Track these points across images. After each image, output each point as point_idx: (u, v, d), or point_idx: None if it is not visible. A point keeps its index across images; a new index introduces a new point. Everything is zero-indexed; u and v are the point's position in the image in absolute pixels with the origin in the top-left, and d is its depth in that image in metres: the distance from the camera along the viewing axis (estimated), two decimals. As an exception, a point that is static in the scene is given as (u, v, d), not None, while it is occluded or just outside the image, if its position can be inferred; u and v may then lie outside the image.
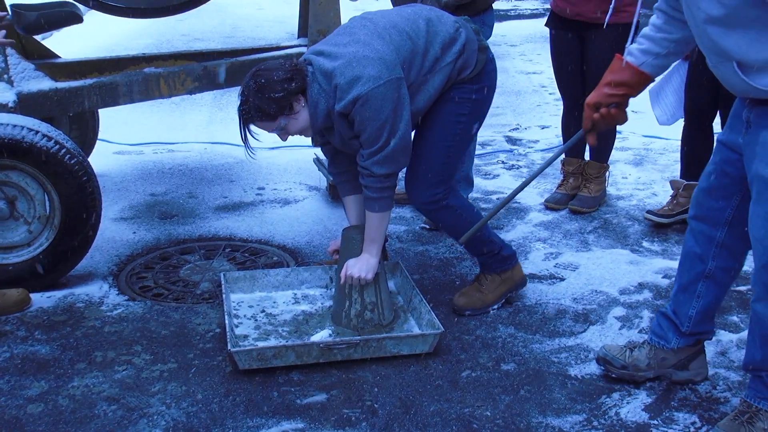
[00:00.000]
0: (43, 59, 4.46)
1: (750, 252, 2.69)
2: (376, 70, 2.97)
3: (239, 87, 3.12)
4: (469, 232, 3.24)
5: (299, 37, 4.86)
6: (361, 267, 3.21)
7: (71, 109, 3.95)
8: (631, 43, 2.81)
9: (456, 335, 3.34)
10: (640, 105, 6.90)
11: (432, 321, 3.21)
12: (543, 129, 6.42)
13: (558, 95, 7.36)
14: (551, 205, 4.72)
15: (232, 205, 4.73)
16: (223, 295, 3.42)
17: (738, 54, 2.36)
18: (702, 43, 2.48)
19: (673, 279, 3.06)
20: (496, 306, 3.54)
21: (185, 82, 4.20)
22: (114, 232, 4.31)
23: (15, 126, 3.47)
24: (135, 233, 4.31)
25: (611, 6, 4.10)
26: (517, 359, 3.18)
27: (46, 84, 3.85)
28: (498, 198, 4.89)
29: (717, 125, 4.22)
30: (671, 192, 4.53)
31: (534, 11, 12.05)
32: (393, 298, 3.54)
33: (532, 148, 5.92)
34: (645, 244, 4.23)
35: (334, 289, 3.48)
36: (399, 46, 3.08)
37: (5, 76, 3.76)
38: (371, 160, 3.07)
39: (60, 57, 4.58)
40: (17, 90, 3.76)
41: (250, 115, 3.04)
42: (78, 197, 3.53)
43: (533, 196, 4.93)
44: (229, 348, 3.00)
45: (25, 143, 3.46)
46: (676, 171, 5.15)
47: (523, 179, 3.12)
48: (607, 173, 4.77)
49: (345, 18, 3.64)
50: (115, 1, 4.55)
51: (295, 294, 3.61)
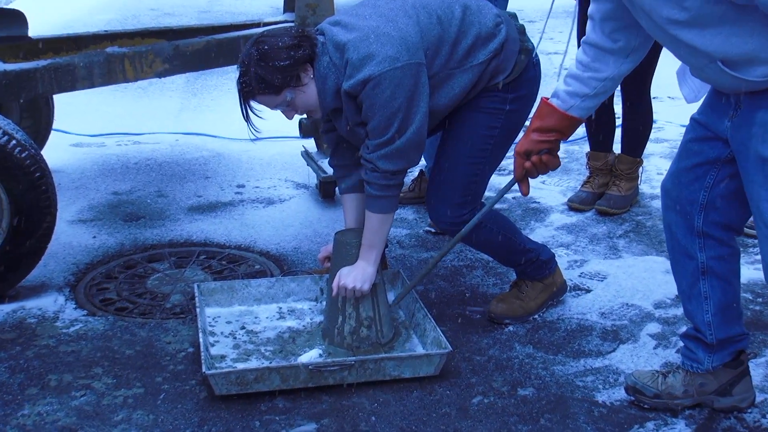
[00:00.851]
0: (-10, 37, 4.46)
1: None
2: (394, 50, 2.98)
3: (215, 69, 3.12)
4: (401, 294, 3.43)
5: (285, 12, 4.86)
6: (357, 277, 3.21)
7: (22, 95, 3.94)
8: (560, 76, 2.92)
9: (466, 355, 3.34)
10: (677, 91, 6.90)
11: (438, 339, 3.21)
12: (566, 118, 6.41)
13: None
14: (575, 206, 4.72)
15: (207, 206, 4.72)
16: (197, 310, 3.41)
17: (719, 52, 2.45)
18: (678, 53, 2.58)
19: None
20: (537, 315, 3.61)
21: (154, 63, 4.19)
22: (71, 236, 4.30)
23: (-43, 114, 3.47)
24: (95, 238, 4.30)
25: None
26: (537, 383, 3.18)
27: (-8, 66, 3.85)
28: (514, 198, 4.88)
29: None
30: None
31: (555, -18, 12.06)
32: (393, 312, 3.53)
33: (553, 139, 5.91)
34: (683, 250, 4.23)
35: (325, 303, 3.47)
36: (426, 29, 3.08)
37: (-54, 56, 3.76)
38: (377, 153, 3.07)
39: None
40: (-41, 72, 3.76)
41: (251, 88, 3.04)
42: (30, 196, 3.53)
43: (555, 195, 4.93)
44: (204, 370, 2.99)
45: (-31, 134, 3.45)
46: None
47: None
48: (641, 169, 4.77)
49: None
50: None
51: (280, 308, 3.60)
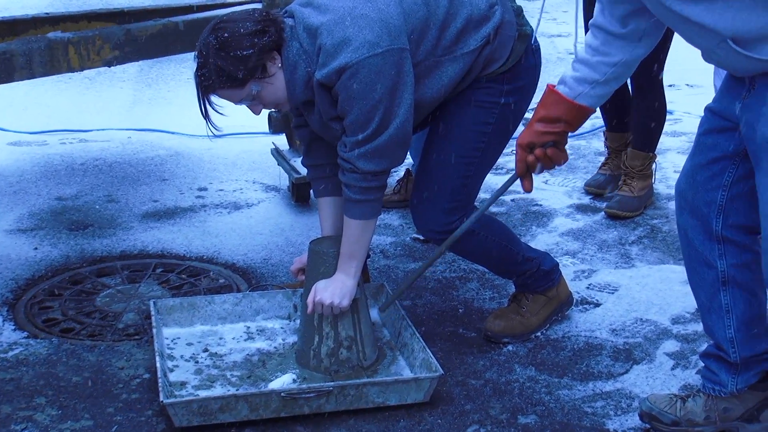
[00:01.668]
0: None
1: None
2: (374, 34, 2.98)
3: (173, 57, 3.12)
4: (388, 301, 3.43)
5: (251, -9, 4.87)
6: (335, 291, 3.22)
7: (-48, 87, 3.94)
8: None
9: (459, 379, 3.35)
10: (697, 78, 6.95)
11: (428, 361, 3.22)
12: (571, 109, 6.44)
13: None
14: (593, 190, 4.88)
15: (164, 212, 4.72)
16: (154, 330, 3.41)
17: (729, 29, 2.47)
18: (686, 35, 2.61)
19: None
20: (540, 332, 3.62)
21: (102, 50, 4.19)
22: (9, 247, 4.30)
23: None
24: (37, 249, 4.30)
25: None
26: (540, 410, 3.19)
27: None
28: (513, 200, 4.90)
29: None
30: None
31: (558, -45, 12.11)
32: (376, 331, 3.54)
33: (556, 133, 5.94)
34: (705, 257, 4.26)
35: (299, 321, 3.48)
36: (410, 10, 3.08)
37: None
38: (356, 151, 3.07)
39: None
40: None
41: (210, 82, 3.03)
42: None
43: (559, 196, 4.95)
44: (162, 399, 2.98)
45: None
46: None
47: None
48: (654, 165, 4.81)
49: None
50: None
51: (248, 327, 3.61)
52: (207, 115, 3.10)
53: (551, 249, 4.32)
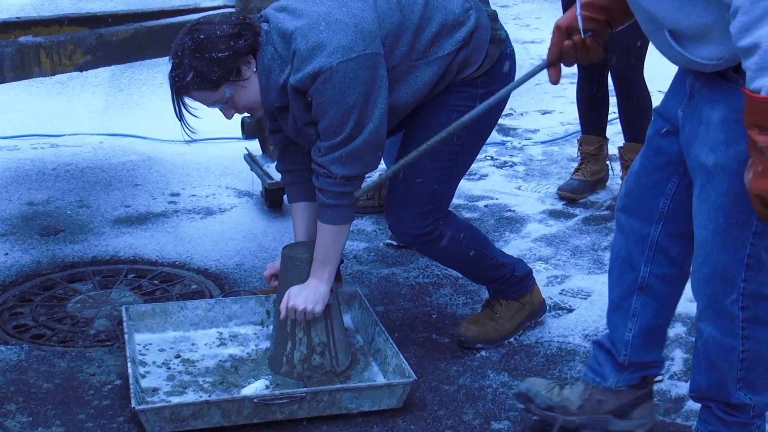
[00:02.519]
0: None
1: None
2: (348, 38, 2.98)
3: (145, 62, 3.11)
4: (366, 188, 3.06)
5: (225, -4, 4.86)
6: (308, 297, 3.21)
7: None
8: None
9: (433, 385, 3.35)
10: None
11: (401, 367, 3.22)
12: (544, 115, 6.47)
13: (564, 72, 7.42)
14: (566, 195, 4.92)
15: (136, 217, 4.71)
16: (126, 336, 3.40)
17: (668, 20, 2.46)
18: (633, 9, 2.58)
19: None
20: (513, 338, 3.63)
21: (74, 55, 4.18)
22: (-21, 253, 4.28)
23: None
24: (7, 255, 4.27)
25: None
26: (513, 415, 3.19)
27: None
28: (486, 206, 4.92)
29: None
30: None
31: (531, -38, 12.16)
32: (350, 337, 3.54)
33: (530, 139, 5.96)
34: (677, 263, 4.28)
35: (272, 327, 3.47)
36: (384, 14, 3.09)
37: None
38: (330, 156, 3.07)
39: None
40: None
41: (185, 83, 3.03)
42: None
43: (532, 202, 4.96)
44: (134, 405, 2.97)
45: None
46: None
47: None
48: None
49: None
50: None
51: (221, 333, 3.60)
52: (181, 117, 3.10)
53: (524, 255, 4.33)
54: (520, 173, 5.38)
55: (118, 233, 4.51)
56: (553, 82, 2.88)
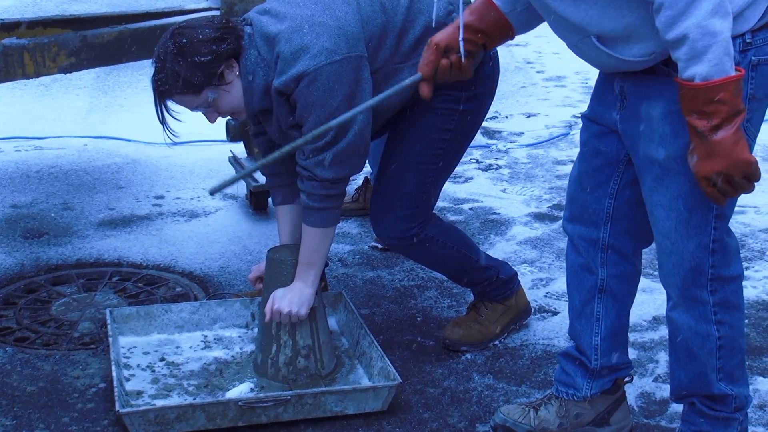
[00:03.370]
0: None
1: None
2: (332, 41, 2.99)
3: (130, 64, 3.11)
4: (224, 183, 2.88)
5: (210, -2, 4.87)
6: (293, 300, 3.21)
7: None
8: None
9: (418, 387, 3.35)
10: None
11: (386, 369, 3.22)
12: (529, 118, 6.47)
13: (549, 75, 7.46)
14: None
15: (121, 220, 4.70)
16: (110, 339, 3.39)
17: (594, 26, 2.49)
18: (553, 27, 2.63)
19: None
20: (498, 340, 3.64)
21: (58, 57, 4.17)
22: (-37, 256, 4.26)
23: None
24: (-9, 258, 4.27)
25: None
26: (498, 418, 3.20)
27: None
28: (471, 209, 4.92)
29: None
30: None
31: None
32: (335, 340, 3.54)
33: (515, 142, 5.97)
34: (661, 266, 4.29)
35: (257, 330, 3.47)
36: (368, 17, 3.10)
37: None
38: (314, 159, 3.07)
39: None
40: None
41: (167, 87, 3.03)
42: None
43: (517, 204, 4.97)
44: (118, 408, 2.97)
45: None
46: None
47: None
48: None
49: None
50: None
51: (206, 336, 3.59)
52: (164, 121, 3.10)
53: (509, 257, 4.33)
54: (505, 176, 5.39)
55: (102, 236, 4.50)
56: (426, 97, 2.85)
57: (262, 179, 4.39)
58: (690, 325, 2.70)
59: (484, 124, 6.15)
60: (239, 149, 4.93)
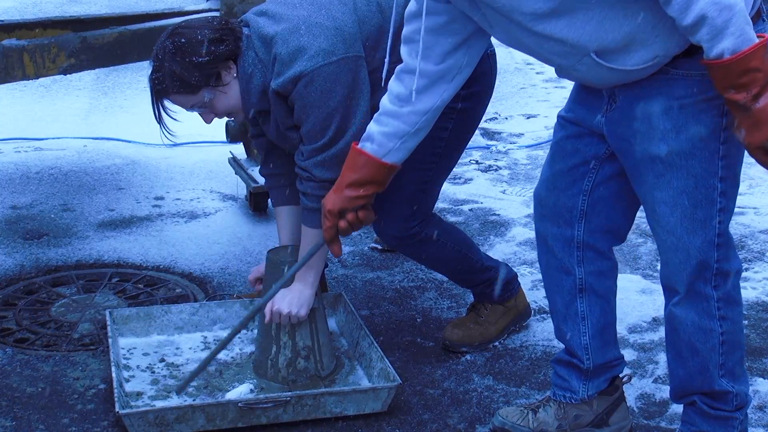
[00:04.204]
0: None
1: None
2: (328, 42, 2.99)
3: (129, 65, 3.11)
4: (185, 380, 3.21)
5: (209, -1, 4.87)
6: (293, 301, 3.21)
7: None
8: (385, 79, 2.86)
9: (417, 389, 3.35)
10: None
11: (385, 370, 3.22)
12: (529, 119, 6.47)
13: (548, 76, 7.45)
14: None
15: (120, 221, 4.70)
16: (110, 340, 3.39)
17: (593, 41, 2.48)
18: (545, 56, 2.61)
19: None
20: (498, 342, 3.63)
21: (57, 58, 4.17)
22: (-38, 257, 4.26)
23: None
24: (-9, 259, 4.27)
25: None
26: (498, 419, 3.20)
27: None
28: (471, 210, 4.92)
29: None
30: None
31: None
32: (334, 341, 3.54)
33: (515, 143, 5.97)
34: (661, 267, 4.29)
35: (256, 331, 3.47)
36: (365, 17, 3.10)
37: None
38: (313, 159, 3.08)
39: None
40: None
41: (164, 86, 3.03)
42: None
43: (517, 206, 4.97)
44: (118, 410, 2.97)
45: None
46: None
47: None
48: None
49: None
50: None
51: (205, 337, 3.59)
52: (160, 120, 3.10)
53: (509, 258, 4.33)
54: (504, 177, 5.39)
55: (102, 237, 4.50)
56: (337, 256, 3.05)
57: (261, 180, 4.39)
58: (693, 321, 2.70)
59: (483, 125, 6.17)
60: (239, 150, 4.94)
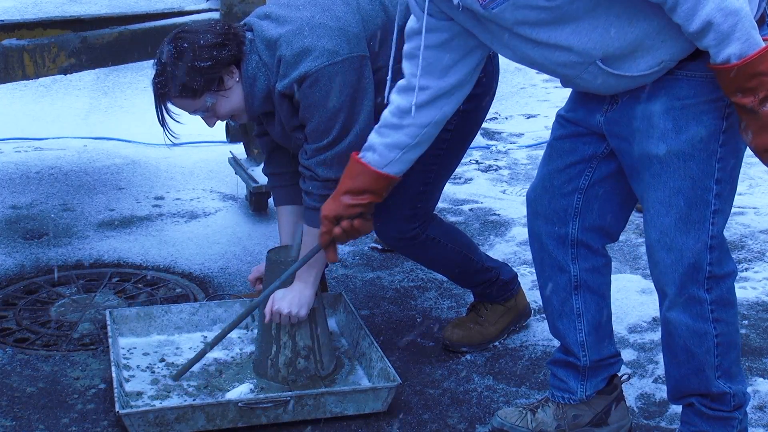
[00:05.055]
0: None
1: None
2: (333, 42, 2.99)
3: (130, 65, 3.12)
4: (184, 367, 3.29)
5: (209, -1, 4.87)
6: (293, 300, 3.21)
7: None
8: (388, 94, 2.87)
9: (417, 388, 3.35)
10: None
11: (386, 370, 3.22)
12: (529, 119, 6.47)
13: (549, 76, 7.44)
14: None
15: (120, 221, 4.70)
16: (110, 340, 3.39)
17: (599, 49, 2.49)
18: (549, 67, 2.62)
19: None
20: (498, 342, 3.63)
21: (58, 58, 4.17)
22: (-38, 257, 4.26)
23: None
24: (-9, 258, 4.27)
25: None
26: (498, 419, 3.20)
27: None
28: (471, 209, 4.92)
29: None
30: None
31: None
32: (334, 341, 3.54)
33: (515, 143, 5.97)
34: (661, 267, 4.29)
35: (256, 331, 3.47)
36: (368, 16, 3.10)
37: None
38: (317, 158, 3.08)
39: None
40: None
41: (167, 90, 3.04)
42: None
43: (517, 206, 4.97)
44: (118, 409, 2.97)
45: None
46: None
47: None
48: None
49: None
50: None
51: (205, 337, 3.59)
52: (164, 123, 3.11)
53: (509, 258, 4.33)
54: (504, 177, 5.39)
55: (102, 237, 4.50)
56: (332, 261, 3.13)
57: (262, 180, 4.39)
58: (687, 324, 2.70)
59: (484, 125, 6.16)
60: (239, 150, 4.94)
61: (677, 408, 3.15)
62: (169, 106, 3.09)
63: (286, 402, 3.07)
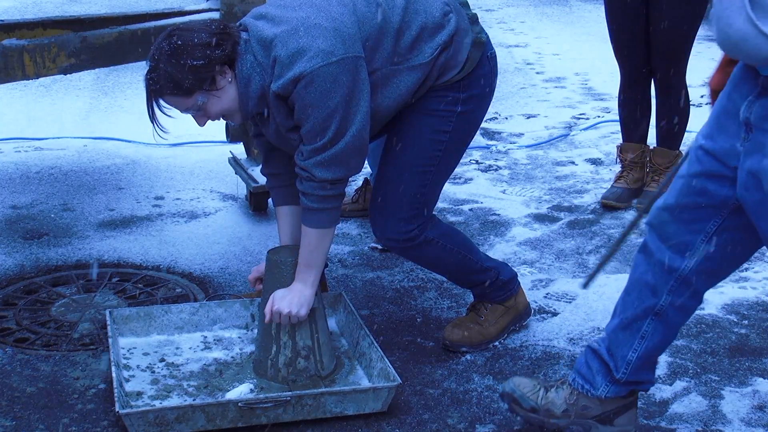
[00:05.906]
0: None
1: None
2: (328, 43, 2.99)
3: (129, 65, 3.12)
4: (593, 272, 3.27)
5: (209, -1, 4.87)
6: (293, 300, 3.21)
7: None
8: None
9: (417, 388, 3.35)
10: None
11: (385, 370, 3.22)
12: (529, 119, 6.47)
13: (548, 76, 7.46)
14: (610, 203, 4.88)
15: (120, 221, 4.70)
16: (110, 340, 3.39)
17: None
18: None
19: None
20: (497, 341, 3.63)
21: (58, 58, 4.17)
22: (-38, 257, 4.26)
23: None
24: (-9, 258, 4.27)
25: None
26: (498, 419, 3.20)
27: None
28: (471, 209, 4.92)
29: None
30: None
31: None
32: (334, 341, 3.54)
33: (515, 143, 5.97)
34: (661, 267, 4.29)
35: (256, 331, 3.47)
36: (364, 17, 3.10)
37: None
38: (313, 159, 3.08)
39: None
40: None
41: (159, 86, 3.03)
42: None
43: (516, 206, 4.97)
44: (118, 409, 2.97)
45: None
46: None
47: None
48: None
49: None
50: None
51: (206, 337, 3.59)
52: (154, 118, 3.10)
53: (509, 258, 4.33)
54: (504, 177, 5.39)
55: (102, 237, 4.51)
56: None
57: (262, 180, 4.39)
58: None
59: (483, 125, 6.17)
60: (239, 150, 4.94)
61: (677, 408, 3.16)
62: (162, 102, 3.09)
63: (286, 402, 3.07)
